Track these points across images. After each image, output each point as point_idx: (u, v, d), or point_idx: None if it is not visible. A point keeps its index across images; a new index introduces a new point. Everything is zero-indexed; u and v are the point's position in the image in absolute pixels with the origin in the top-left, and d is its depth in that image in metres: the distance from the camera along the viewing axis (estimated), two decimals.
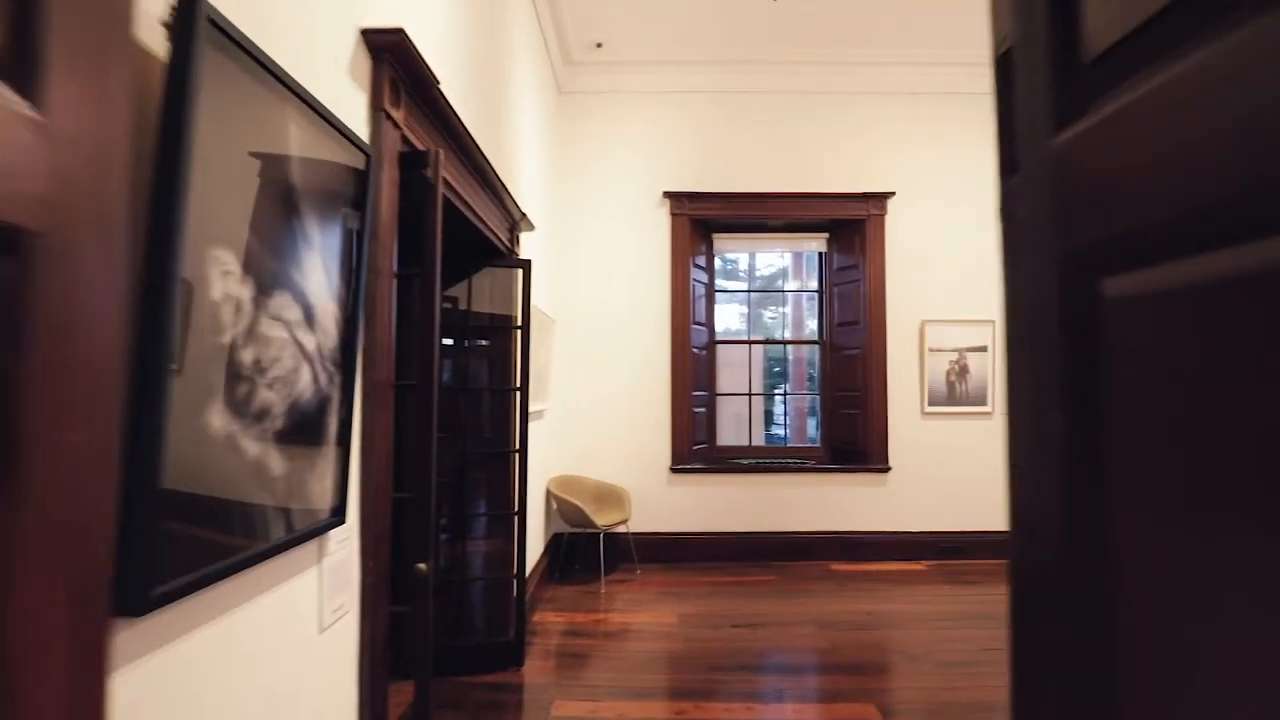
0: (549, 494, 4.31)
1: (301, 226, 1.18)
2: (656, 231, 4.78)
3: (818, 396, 5.23)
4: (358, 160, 1.41)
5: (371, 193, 1.47)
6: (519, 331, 3.05)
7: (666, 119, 4.83)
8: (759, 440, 5.43)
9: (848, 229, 4.93)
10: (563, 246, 4.72)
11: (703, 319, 5.02)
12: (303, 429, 1.21)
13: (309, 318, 1.22)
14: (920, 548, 4.74)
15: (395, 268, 1.74)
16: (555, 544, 4.50)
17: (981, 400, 4.79)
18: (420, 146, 1.88)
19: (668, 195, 4.76)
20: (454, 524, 3.08)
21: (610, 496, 4.47)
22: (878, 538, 4.74)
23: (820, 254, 5.23)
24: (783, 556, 4.70)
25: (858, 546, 4.73)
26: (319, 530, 1.32)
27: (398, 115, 1.74)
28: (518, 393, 3.05)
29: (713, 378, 5.13)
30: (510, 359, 3.11)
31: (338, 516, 1.38)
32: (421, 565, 1.65)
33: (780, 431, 6.61)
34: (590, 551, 4.30)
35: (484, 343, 3.22)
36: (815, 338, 5.28)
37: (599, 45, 4.55)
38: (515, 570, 2.96)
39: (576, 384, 4.68)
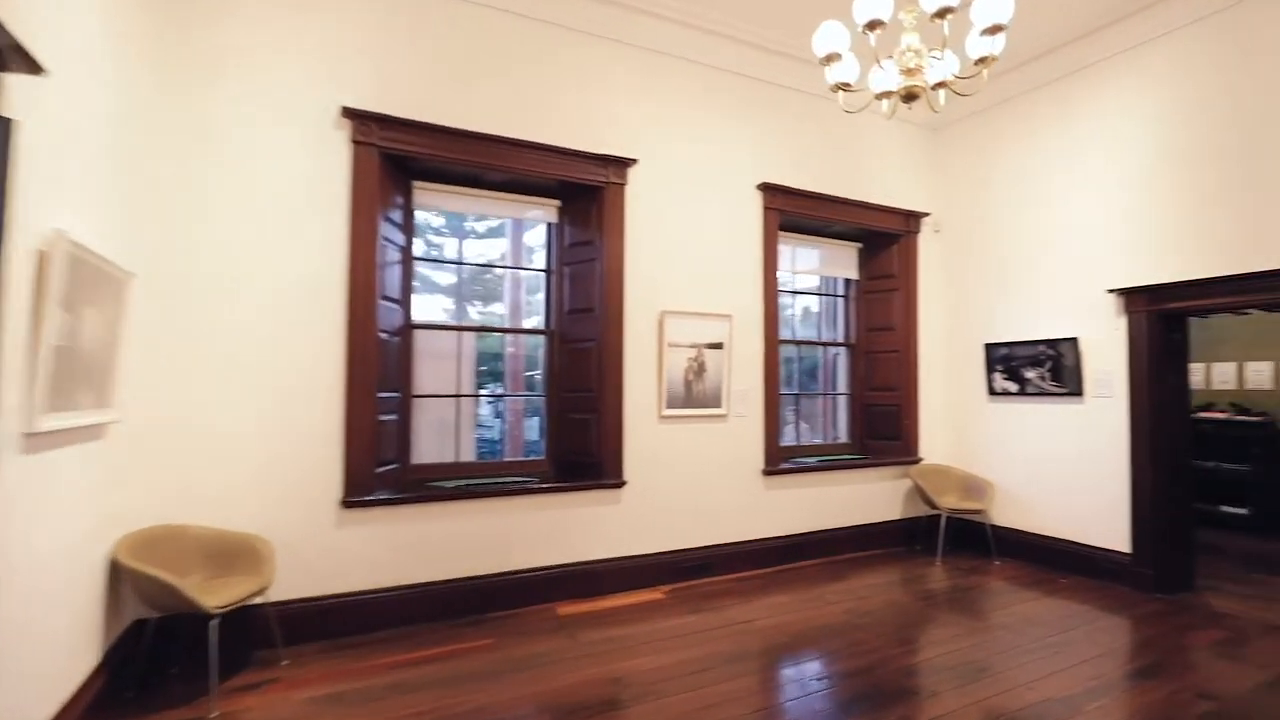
0: (115, 566, 2.60)
1: None
2: (330, 163, 3.34)
3: (542, 398, 4.31)
4: None
5: None
6: None
7: (356, 8, 3.42)
8: (469, 454, 4.30)
9: (583, 197, 4.12)
10: (174, 160, 2.98)
11: (397, 294, 3.72)
12: None
13: None
14: (658, 571, 4.13)
15: None
16: (130, 639, 2.77)
17: (716, 401, 4.40)
18: None
19: (350, 114, 3.36)
20: None
21: (237, 555, 2.91)
22: (612, 566, 4.00)
23: (550, 226, 4.33)
24: (502, 604, 3.65)
25: (590, 579, 3.91)
26: None
27: None
28: None
29: (408, 373, 3.85)
30: None
31: None
32: None
33: (493, 438, 5.56)
34: (201, 642, 2.70)
35: None
36: (541, 327, 4.36)
37: None
38: None
39: (179, 381, 2.99)
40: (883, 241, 5.38)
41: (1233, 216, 3.77)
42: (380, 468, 3.50)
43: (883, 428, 5.36)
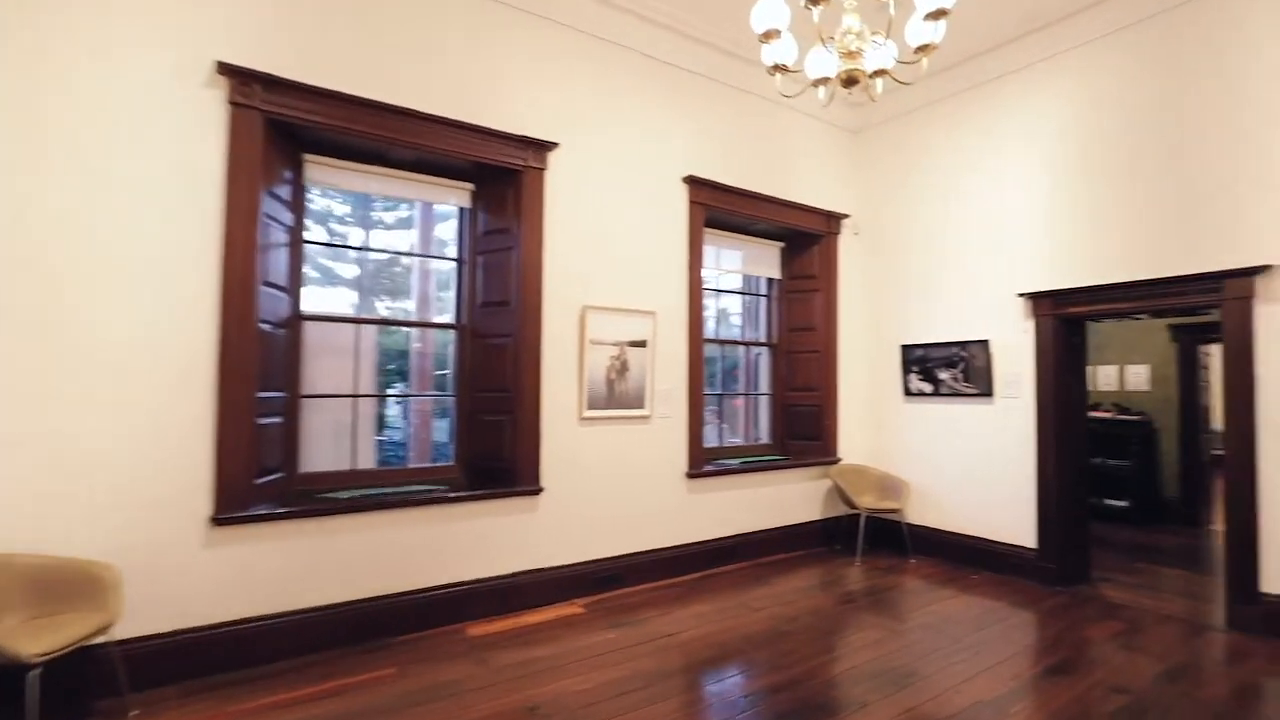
0: None
1: None
2: (201, 125, 2.88)
3: (452, 398, 3.97)
4: None
5: None
6: None
7: None
8: (369, 460, 3.89)
9: (499, 181, 3.82)
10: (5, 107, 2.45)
11: (283, 280, 3.28)
12: None
13: None
14: (577, 583, 3.88)
15: None
16: None
17: (639, 402, 4.21)
18: None
19: (227, 71, 2.91)
20: None
21: (74, 587, 2.42)
22: (528, 580, 3.71)
23: (463, 211, 3.99)
24: (405, 627, 3.30)
25: (503, 595, 3.62)
26: None
27: None
28: None
29: (296, 370, 3.42)
30: None
31: None
32: None
33: (398, 442, 5.12)
34: (18, 698, 2.22)
35: None
36: (452, 321, 4.01)
37: None
38: None
39: (14, 380, 2.47)
40: (805, 241, 5.37)
41: (1129, 228, 3.96)
42: (261, 478, 3.07)
43: (803, 428, 5.35)
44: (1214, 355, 6.58)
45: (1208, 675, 2.95)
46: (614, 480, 4.08)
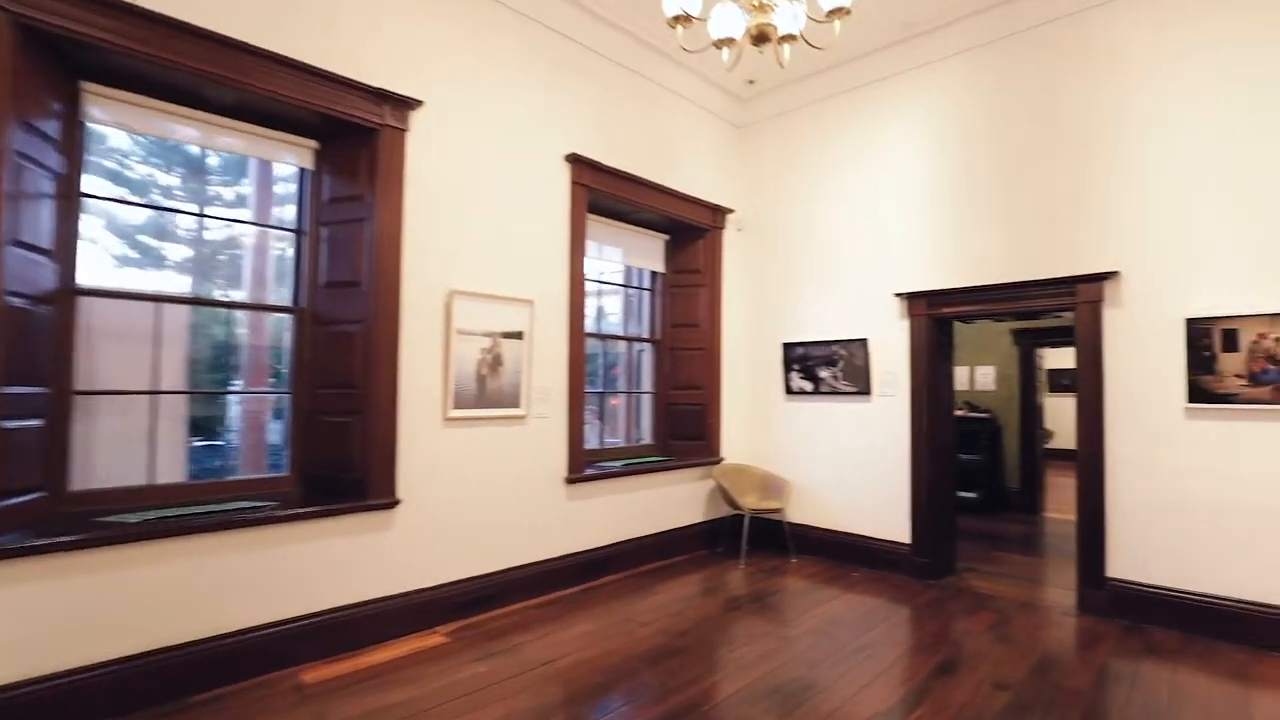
0: None
1: None
2: None
3: (288, 395, 3.33)
4: None
5: None
6: None
7: None
8: (176, 473, 3.14)
9: (351, 140, 3.25)
10: None
11: (46, 242, 2.52)
12: None
13: None
14: (440, 608, 3.39)
15: None
16: None
17: (514, 400, 3.78)
18: None
19: None
20: None
21: None
22: (378, 609, 3.17)
23: (304, 172, 3.36)
24: (223, 679, 2.65)
25: (347, 630, 3.05)
26: None
27: None
28: None
29: (66, 361, 2.66)
30: None
31: None
32: None
33: (222, 446, 4.28)
34: None
35: None
36: (288, 303, 3.37)
37: None
38: None
39: None
40: (690, 235, 5.19)
41: (996, 233, 4.12)
42: (12, 499, 2.32)
43: (686, 427, 5.16)
44: (1047, 357, 7.24)
45: (1073, 664, 3.05)
46: (485, 488, 3.62)
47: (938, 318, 4.40)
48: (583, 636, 3.29)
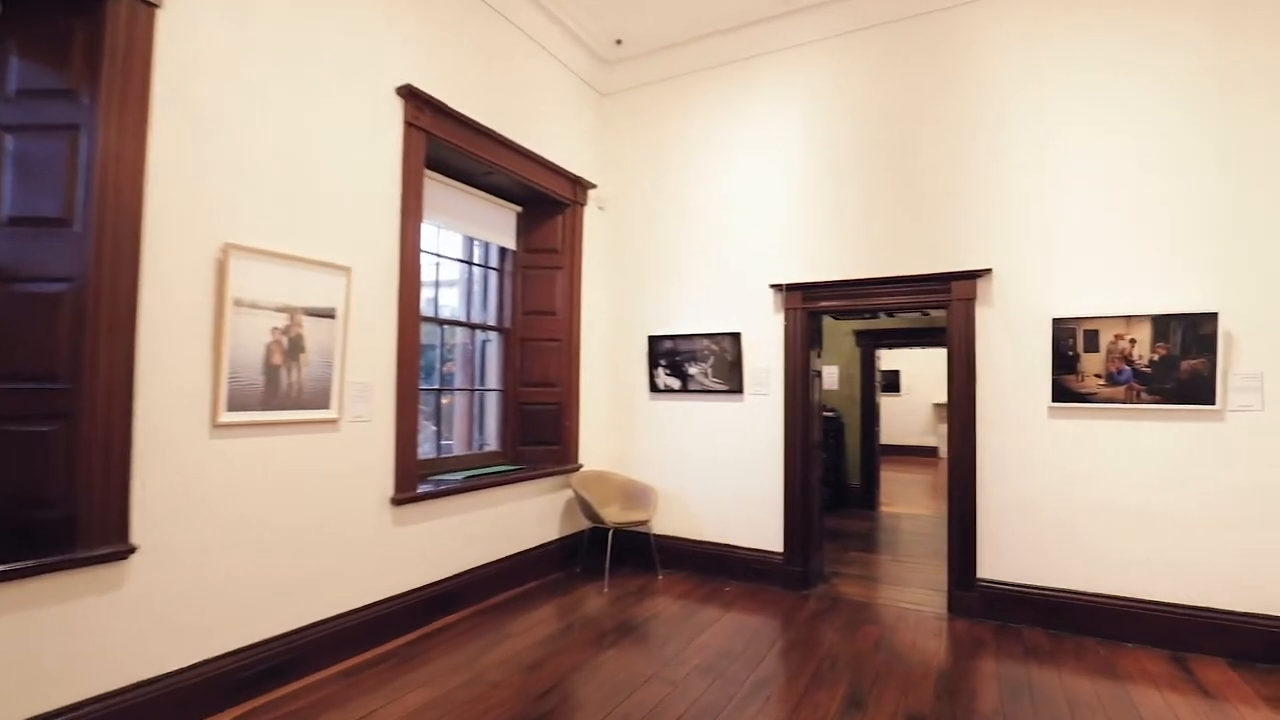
0: None
1: None
2: None
3: None
4: None
5: None
6: None
7: None
8: None
9: (57, 14, 2.14)
10: None
11: None
12: None
13: None
14: (202, 695, 2.37)
15: None
16: None
17: (322, 399, 2.85)
18: None
19: None
20: None
21: None
22: (98, 713, 2.11)
23: None
24: None
25: None
26: None
27: None
28: None
29: None
30: None
31: None
32: None
33: None
34: None
35: None
36: None
37: None
38: None
39: None
40: (547, 208, 4.50)
41: (873, 226, 3.95)
42: None
43: (540, 431, 4.46)
44: (881, 358, 7.56)
45: (970, 680, 2.85)
46: (277, 519, 2.65)
47: (813, 312, 4.16)
48: (417, 709, 2.48)
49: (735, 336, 4.30)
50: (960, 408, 3.70)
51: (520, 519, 4.05)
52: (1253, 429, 3.10)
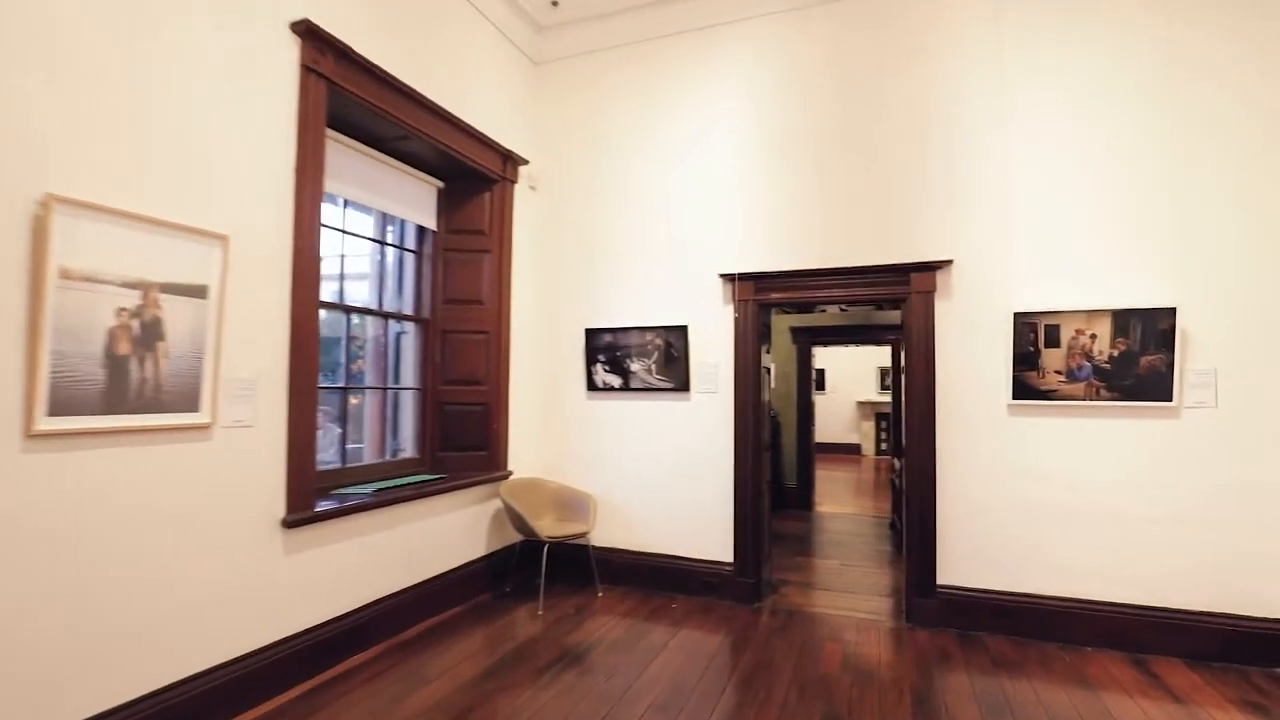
0: None
1: None
2: None
3: None
4: None
5: None
6: None
7: None
8: None
9: None
10: None
11: None
12: None
13: None
14: None
15: None
16: None
17: (188, 400, 2.27)
18: None
19: None
20: None
21: None
22: None
23: None
24: None
25: None
26: None
27: None
28: None
29: None
30: None
31: None
32: None
33: None
34: None
35: None
36: None
37: None
38: None
39: None
40: (473, 184, 4.00)
41: (832, 215, 3.71)
42: None
43: (464, 434, 3.96)
44: (817, 356, 7.45)
45: (948, 699, 2.63)
46: (126, 555, 2.06)
47: (766, 304, 3.88)
48: None
49: (682, 330, 3.97)
50: (919, 406, 3.51)
51: (441, 536, 3.55)
52: (1206, 425, 3.05)
